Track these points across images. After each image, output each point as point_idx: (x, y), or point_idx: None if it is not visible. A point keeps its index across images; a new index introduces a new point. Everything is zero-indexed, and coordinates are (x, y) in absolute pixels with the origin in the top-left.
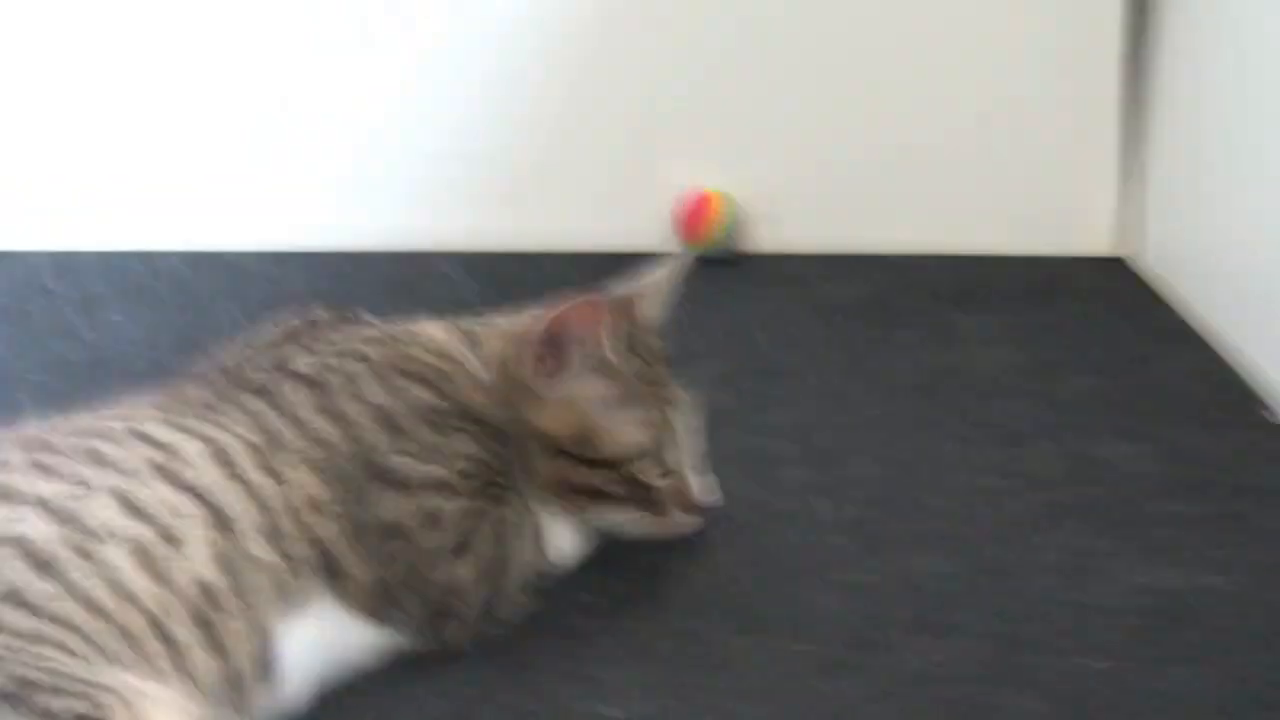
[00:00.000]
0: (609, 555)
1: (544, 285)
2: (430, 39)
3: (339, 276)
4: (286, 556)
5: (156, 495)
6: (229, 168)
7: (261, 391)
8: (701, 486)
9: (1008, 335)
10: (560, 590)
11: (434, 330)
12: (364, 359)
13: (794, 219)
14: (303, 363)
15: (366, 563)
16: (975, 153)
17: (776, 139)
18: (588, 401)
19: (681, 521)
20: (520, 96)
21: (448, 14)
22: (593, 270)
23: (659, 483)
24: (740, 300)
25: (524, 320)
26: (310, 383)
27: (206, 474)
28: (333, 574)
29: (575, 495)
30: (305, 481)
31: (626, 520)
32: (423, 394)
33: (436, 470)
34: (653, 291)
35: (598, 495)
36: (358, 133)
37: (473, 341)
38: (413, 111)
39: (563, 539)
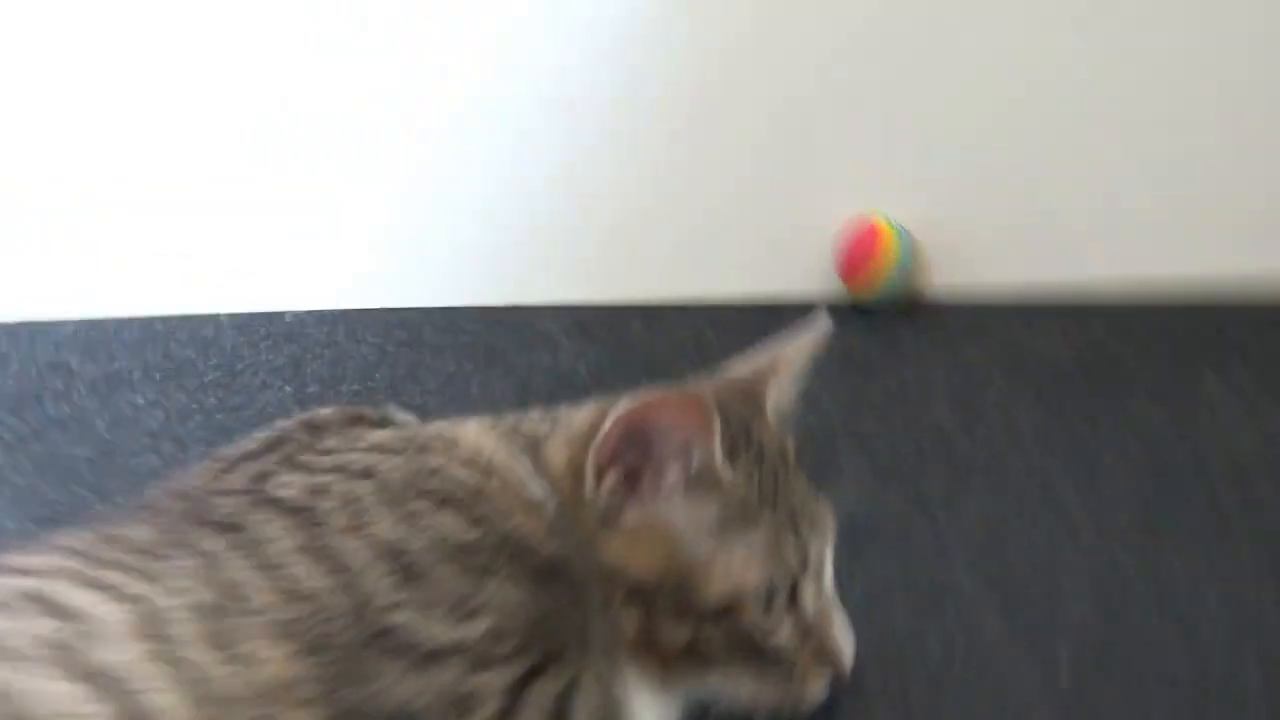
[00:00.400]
0: None
1: (672, 347)
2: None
3: (413, 340)
4: None
5: (45, 690)
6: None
7: (225, 526)
8: (847, 638)
9: (1270, 397)
10: None
11: (477, 433)
12: (370, 475)
13: (984, 256)
14: (287, 482)
15: None
16: (1210, 166)
17: (959, 157)
18: (681, 529)
19: (820, 688)
20: (638, 111)
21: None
22: (736, 327)
23: (787, 638)
24: (915, 360)
25: (591, 417)
26: (292, 511)
27: (123, 652)
28: None
29: (670, 658)
30: (271, 657)
31: (744, 690)
32: (449, 522)
33: (466, 630)
34: (784, 370)
35: (702, 657)
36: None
37: (532, 447)
38: (508, 140)
39: (656, 716)
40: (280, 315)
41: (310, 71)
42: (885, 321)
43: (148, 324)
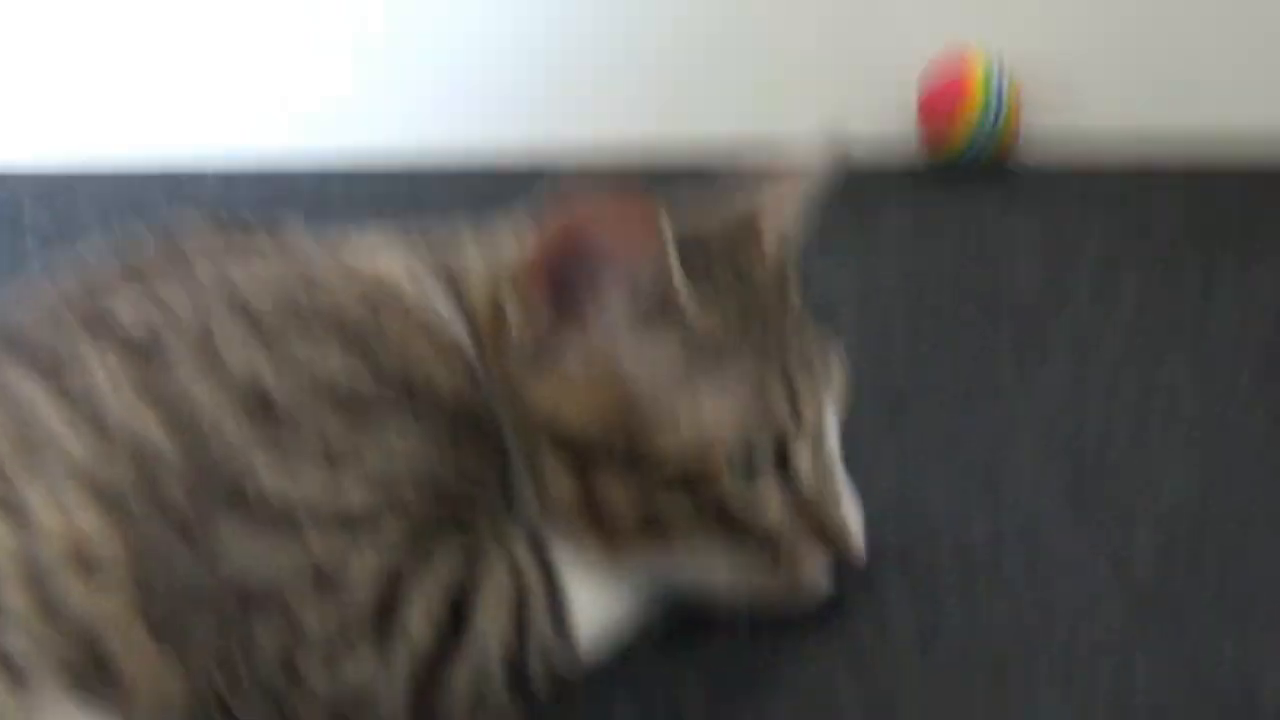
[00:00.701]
0: (690, 634)
1: None
2: None
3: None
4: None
5: None
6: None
7: (48, 366)
8: (854, 514)
9: None
10: (601, 693)
11: (385, 259)
12: (237, 306)
13: (1093, 102)
14: (132, 313)
15: (190, 670)
16: None
17: None
18: (631, 369)
19: (819, 578)
20: None
21: None
22: None
23: (774, 510)
24: (1000, 224)
25: (521, 237)
26: (134, 349)
27: None
28: (114, 689)
29: (620, 532)
30: (76, 521)
31: (719, 575)
32: (332, 361)
33: (337, 488)
34: (784, 200)
35: (661, 532)
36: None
37: (453, 277)
38: None
39: (600, 604)
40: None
41: None
42: (970, 180)
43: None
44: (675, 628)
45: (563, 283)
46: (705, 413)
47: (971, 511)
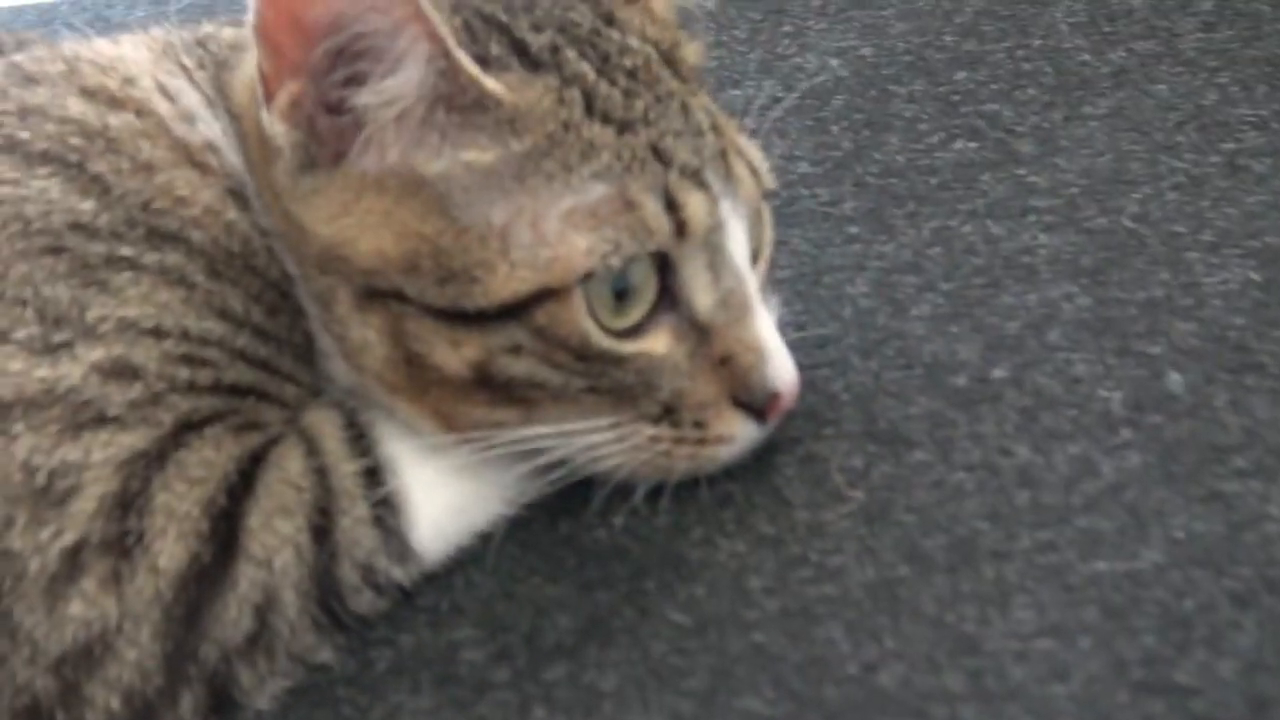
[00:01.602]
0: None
1: None
2: None
3: None
4: None
5: None
6: None
7: None
8: (778, 352)
9: None
10: (438, 616)
11: (135, 64)
12: None
13: None
14: None
15: None
16: None
17: None
18: (435, 174)
19: (735, 439)
20: None
21: None
22: None
23: (661, 352)
24: None
25: None
26: None
27: None
28: None
29: (455, 396)
30: None
31: (596, 448)
32: (44, 190)
33: (61, 368)
34: None
35: (511, 393)
36: None
37: (219, 66)
38: None
39: (442, 491)
40: None
41: None
42: None
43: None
44: (544, 507)
45: (320, 64)
46: (544, 230)
47: (956, 333)
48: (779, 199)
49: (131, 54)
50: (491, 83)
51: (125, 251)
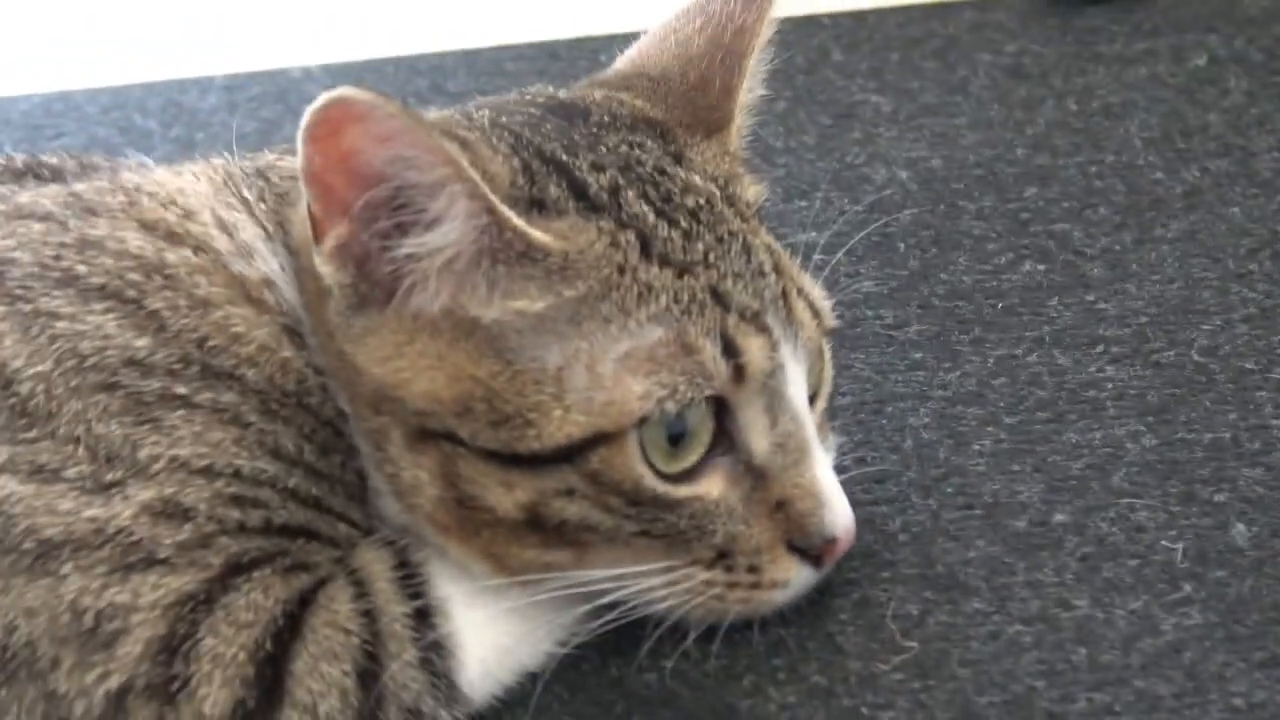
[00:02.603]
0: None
1: None
2: None
3: None
4: None
5: None
6: None
7: None
8: (837, 495)
9: None
10: None
11: (195, 197)
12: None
13: None
14: None
15: None
16: None
17: None
18: (489, 320)
19: (789, 582)
20: None
21: None
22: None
23: (717, 495)
24: (1113, 64)
25: None
26: None
27: None
28: None
29: (507, 537)
30: None
31: (650, 590)
32: (100, 323)
33: (112, 507)
34: (737, 61)
35: (564, 535)
36: None
37: (279, 218)
38: None
39: (493, 635)
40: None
41: None
42: (1071, 13)
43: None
44: (595, 646)
45: (364, 211)
46: (599, 373)
47: (1022, 474)
48: (843, 320)
49: (192, 186)
50: (539, 234)
51: (180, 389)
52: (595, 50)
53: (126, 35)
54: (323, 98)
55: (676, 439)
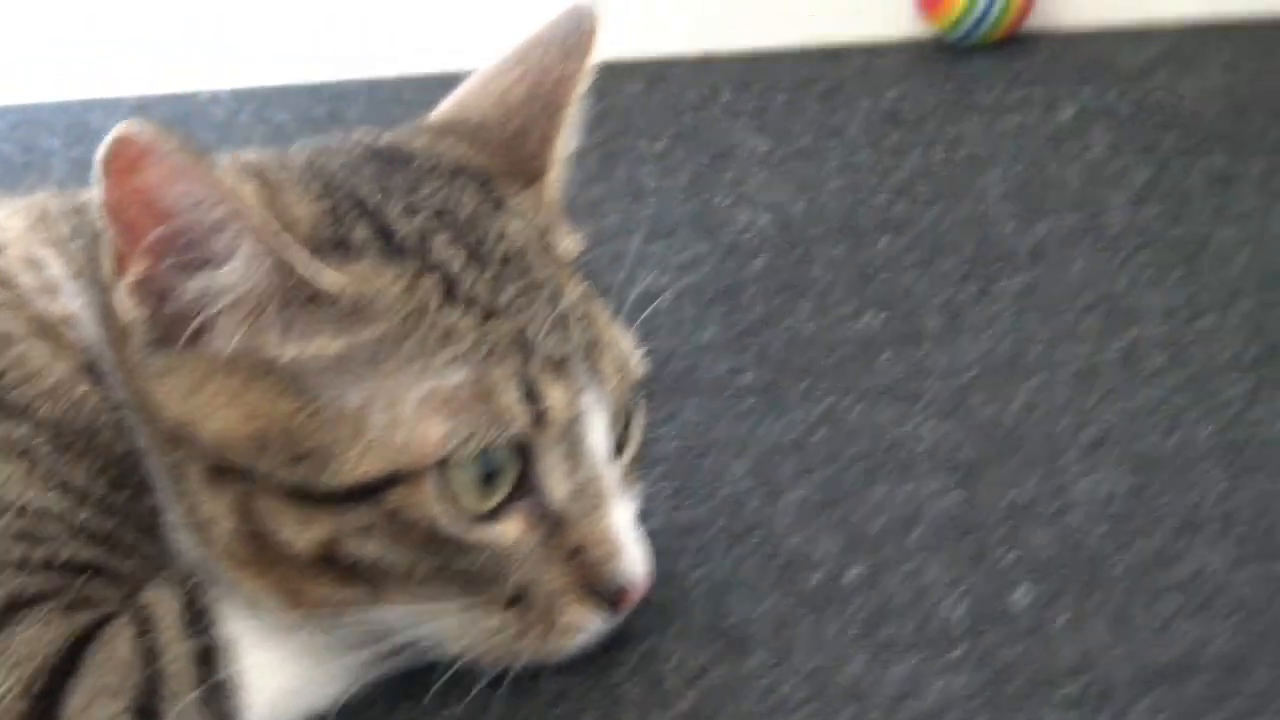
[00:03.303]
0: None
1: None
2: None
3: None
4: None
5: None
6: None
7: None
8: (633, 542)
9: None
10: None
11: (7, 218)
12: None
13: None
14: None
15: None
16: None
17: None
18: (285, 358)
19: (584, 627)
20: None
21: None
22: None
23: (513, 538)
24: (985, 113)
25: None
26: None
27: None
28: None
29: (303, 574)
30: None
31: (445, 631)
32: None
33: None
34: (559, 110)
35: (360, 574)
36: None
37: (92, 254)
38: None
39: (283, 677)
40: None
41: None
42: (958, 59)
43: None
44: (385, 688)
45: (157, 247)
46: (399, 413)
47: (822, 524)
48: (681, 365)
49: (6, 221)
50: (330, 277)
51: None
52: None
53: (43, 53)
54: (114, 131)
55: (489, 477)
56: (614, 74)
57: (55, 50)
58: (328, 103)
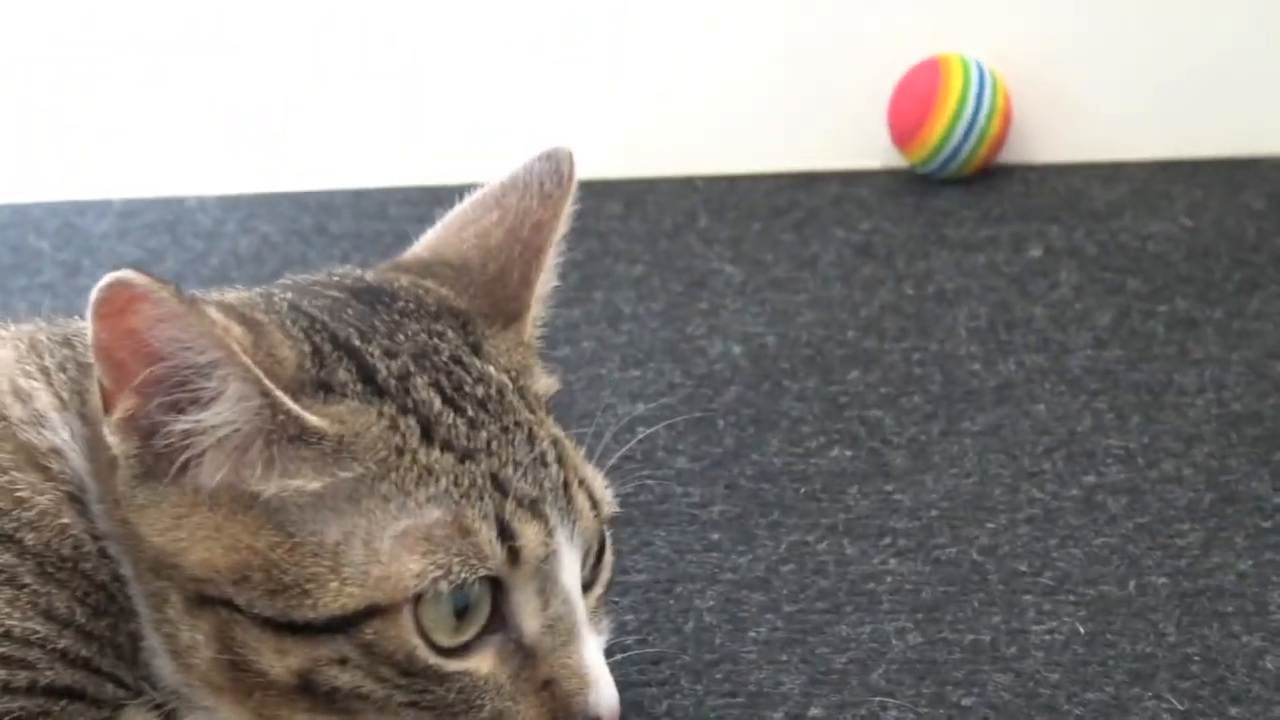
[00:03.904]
0: None
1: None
2: None
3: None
4: None
5: None
6: None
7: None
8: (603, 678)
9: None
10: None
11: None
12: None
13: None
14: None
15: None
16: None
17: None
18: (267, 495)
19: None
20: None
21: None
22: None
23: (486, 673)
24: (956, 246)
25: None
26: None
27: None
28: None
29: (279, 705)
30: None
31: None
32: None
33: None
34: (535, 251)
35: (336, 705)
36: None
37: (79, 384)
38: None
39: None
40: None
41: None
42: (929, 192)
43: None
44: None
45: (145, 386)
46: (377, 549)
47: (789, 662)
48: (651, 496)
49: None
50: (313, 418)
51: None
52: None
53: (34, 154)
54: (106, 278)
55: (461, 612)
56: (594, 193)
57: (45, 152)
58: (314, 213)
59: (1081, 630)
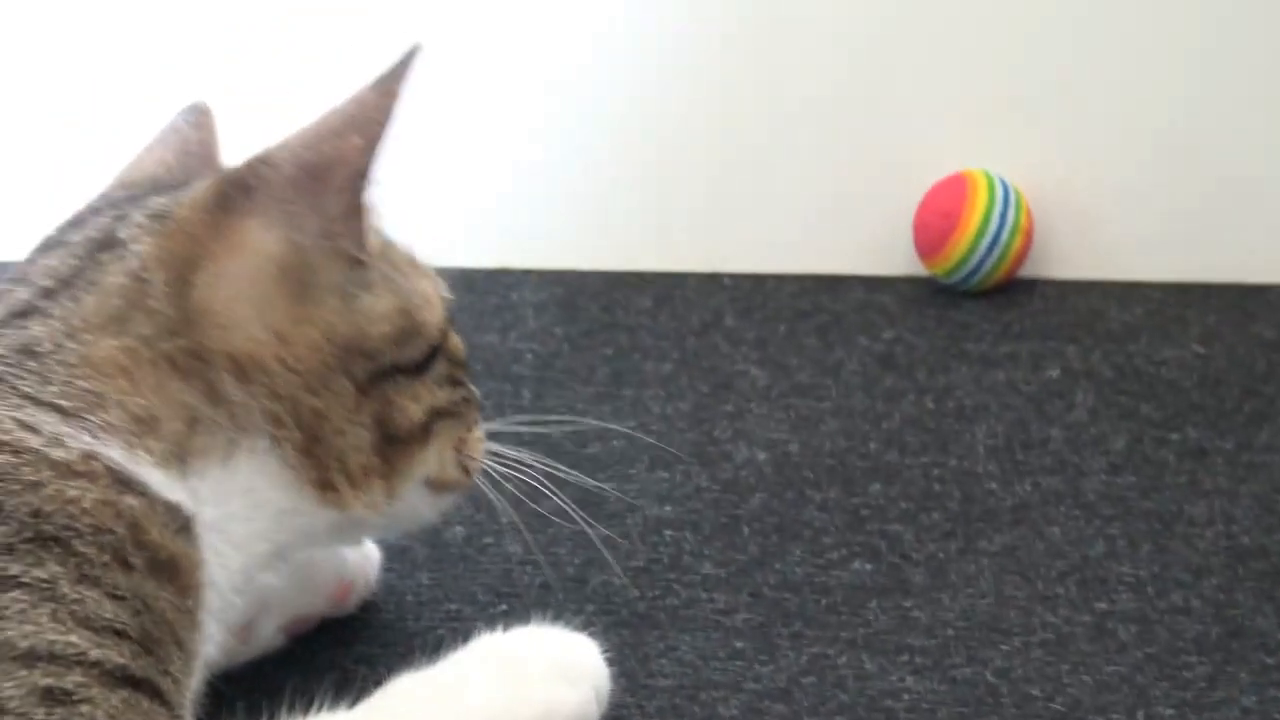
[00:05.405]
0: None
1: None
2: None
3: None
4: None
5: None
6: None
7: None
8: None
9: None
10: None
11: None
12: None
13: (1113, 234)
14: None
15: None
16: None
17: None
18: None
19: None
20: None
21: None
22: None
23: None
24: (974, 362)
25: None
26: None
27: None
28: None
29: (402, 459)
30: None
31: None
32: None
33: None
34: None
35: (429, 434)
36: None
37: (63, 374)
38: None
39: None
40: None
41: None
42: (951, 303)
43: None
44: None
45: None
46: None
47: None
48: (678, 600)
49: None
50: None
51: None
52: (509, 285)
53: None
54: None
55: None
56: (625, 285)
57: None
58: None
59: None
